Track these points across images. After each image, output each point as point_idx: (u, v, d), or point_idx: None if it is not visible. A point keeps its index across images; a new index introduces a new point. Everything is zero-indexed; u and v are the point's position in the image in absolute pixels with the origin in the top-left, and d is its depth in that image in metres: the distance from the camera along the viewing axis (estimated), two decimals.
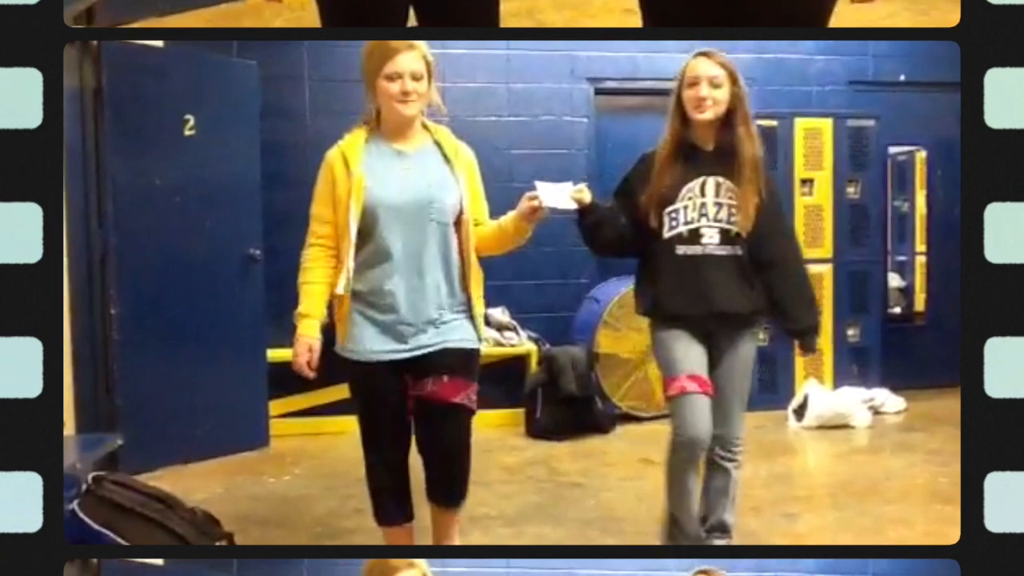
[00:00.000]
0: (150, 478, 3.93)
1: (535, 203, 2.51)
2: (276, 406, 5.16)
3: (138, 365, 4.43)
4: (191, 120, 4.64)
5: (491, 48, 5.71)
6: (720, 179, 2.72)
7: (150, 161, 4.52)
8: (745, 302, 2.75)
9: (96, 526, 2.62)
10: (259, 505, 3.98)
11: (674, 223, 2.72)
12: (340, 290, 2.47)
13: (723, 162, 2.72)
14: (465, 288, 2.56)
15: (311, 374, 2.48)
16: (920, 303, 6.31)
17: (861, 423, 5.32)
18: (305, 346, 2.49)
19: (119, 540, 2.63)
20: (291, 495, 4.14)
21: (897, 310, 6.42)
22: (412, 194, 2.47)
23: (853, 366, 5.79)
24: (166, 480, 4.09)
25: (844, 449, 4.97)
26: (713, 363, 2.78)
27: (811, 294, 2.92)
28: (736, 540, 2.97)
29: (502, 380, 5.33)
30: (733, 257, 2.73)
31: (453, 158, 2.54)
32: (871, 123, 5.82)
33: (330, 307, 2.54)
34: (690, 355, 2.73)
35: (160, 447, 4.48)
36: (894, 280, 6.40)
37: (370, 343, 2.50)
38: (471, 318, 2.58)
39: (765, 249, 2.76)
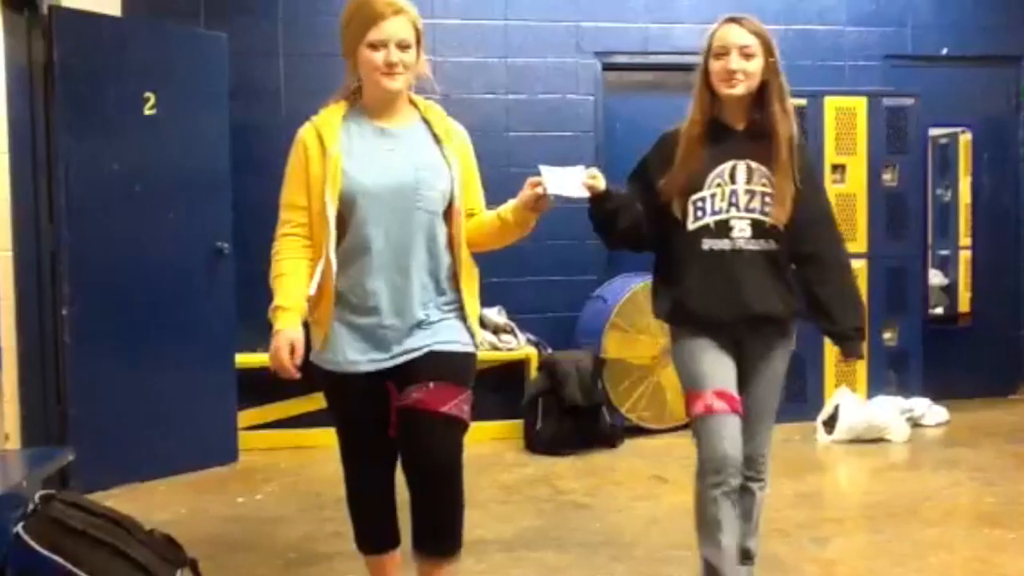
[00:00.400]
0: (105, 497, 3.93)
1: (539, 190, 2.42)
2: (246, 417, 5.15)
3: (92, 372, 4.42)
4: (152, 98, 4.63)
5: (488, 19, 5.70)
6: (753, 163, 2.63)
7: (107, 143, 4.51)
8: (781, 305, 2.67)
9: (43, 551, 2.59)
10: (227, 527, 3.96)
11: (700, 213, 2.63)
12: (314, 290, 2.39)
13: (756, 144, 2.64)
14: (456, 287, 2.50)
15: (296, 374, 2.36)
16: (964, 303, 6.30)
17: (898, 437, 5.31)
18: (287, 340, 2.35)
19: (69, 566, 2.61)
20: (262, 516, 4.13)
21: (939, 310, 6.41)
22: (396, 179, 2.38)
23: (890, 373, 5.79)
24: (123, 499, 4.08)
25: (879, 465, 4.96)
26: (742, 373, 2.70)
27: (856, 292, 2.83)
28: (761, 567, 2.96)
29: (498, 388, 5.33)
30: (767, 252, 2.65)
31: (445, 138, 2.47)
32: (910, 102, 5.81)
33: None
34: (717, 368, 2.65)
35: (117, 463, 4.47)
36: (935, 277, 6.40)
37: (350, 352, 2.42)
38: (463, 319, 2.51)
39: (804, 240, 2.69)
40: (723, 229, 2.63)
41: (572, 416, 5.16)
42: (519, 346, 5.45)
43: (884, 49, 6.11)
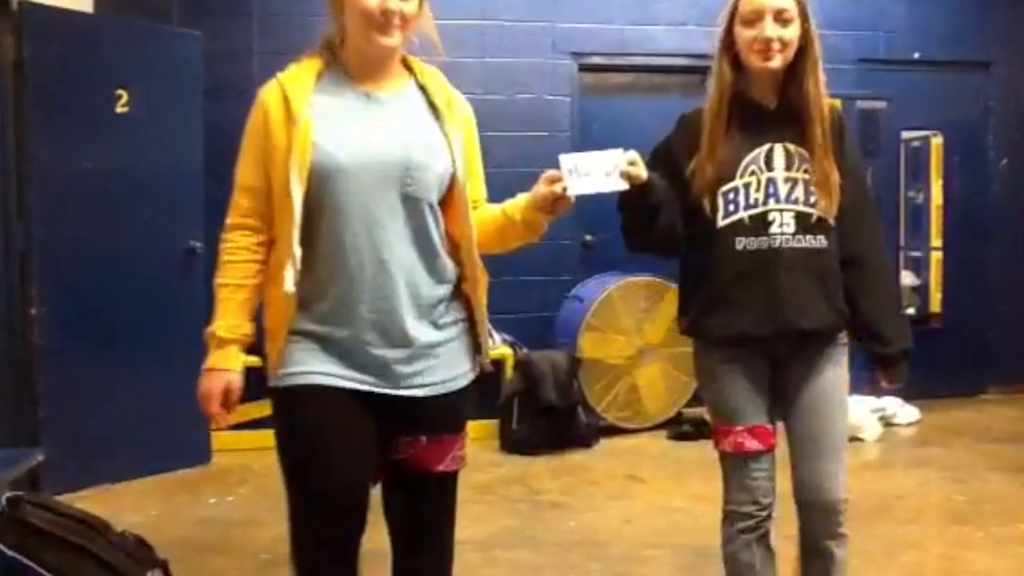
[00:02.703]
0: (76, 499, 3.88)
1: (559, 190, 1.94)
2: None
3: (63, 372, 4.37)
4: (124, 96, 4.59)
5: (463, 19, 5.70)
6: (791, 146, 2.24)
7: (78, 142, 4.46)
8: (831, 316, 2.25)
9: (10, 552, 2.56)
10: (199, 529, 3.93)
11: (732, 207, 2.23)
12: (287, 287, 1.88)
13: (792, 123, 2.25)
14: (460, 295, 2.03)
15: (227, 423, 2.02)
16: (936, 304, 6.36)
17: (870, 436, 5.35)
18: (220, 384, 1.92)
19: (36, 568, 2.58)
20: (235, 518, 4.10)
21: (911, 311, 6.46)
22: (381, 155, 1.89)
23: (862, 372, 5.81)
24: (94, 501, 4.04)
25: (851, 464, 4.88)
26: (788, 397, 2.31)
27: (900, 304, 2.42)
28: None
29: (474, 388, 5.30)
30: (815, 252, 2.23)
31: (445, 109, 1.99)
32: (882, 105, 5.87)
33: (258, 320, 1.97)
34: (751, 398, 2.28)
35: (88, 464, 4.42)
36: (907, 278, 6.45)
37: (316, 368, 1.90)
38: (470, 337, 2.06)
39: (846, 239, 2.28)
40: (760, 225, 2.21)
41: (547, 416, 5.17)
42: (495, 346, 5.44)
43: (857, 53, 6.15)
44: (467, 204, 1.99)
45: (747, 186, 2.23)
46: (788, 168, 2.23)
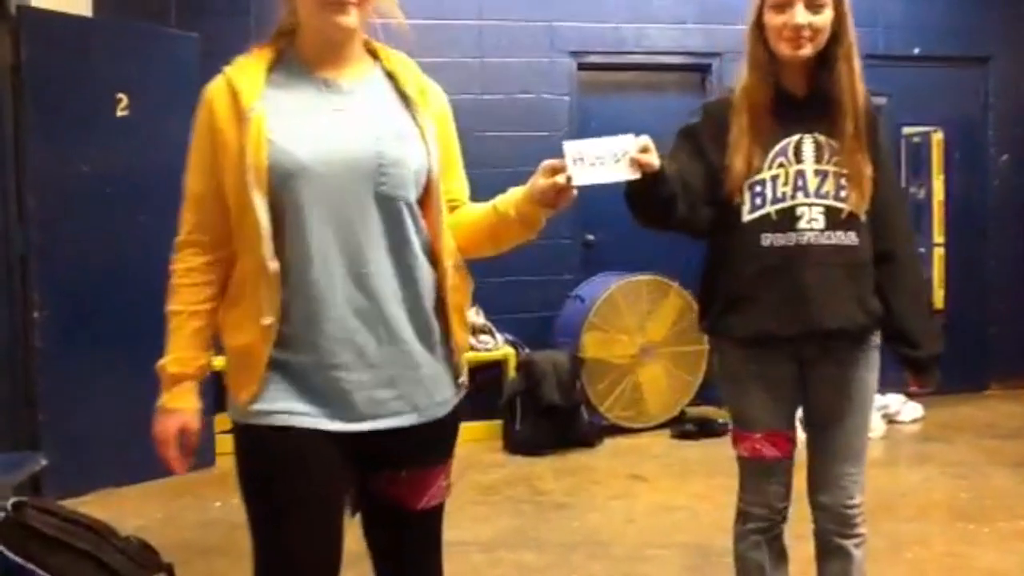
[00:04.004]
0: (79, 503, 3.89)
1: (562, 181, 1.72)
2: (222, 420, 5.09)
3: (64, 376, 4.38)
4: (124, 99, 4.59)
5: (461, 18, 5.71)
6: (821, 137, 2.15)
7: (77, 146, 4.47)
8: (861, 315, 2.16)
9: (16, 558, 2.57)
10: (204, 532, 3.94)
11: (759, 200, 2.13)
12: (267, 320, 1.67)
13: (823, 113, 2.15)
14: (442, 306, 1.79)
15: (184, 468, 1.79)
16: (939, 300, 6.36)
17: (874, 433, 5.35)
18: (176, 425, 1.75)
19: (41, 573, 2.59)
20: (239, 521, 4.02)
21: None
22: (348, 151, 1.67)
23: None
24: (97, 505, 4.04)
25: None
26: (813, 401, 2.26)
27: (932, 306, 2.35)
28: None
29: (476, 389, 5.23)
30: (845, 249, 2.14)
31: (417, 98, 1.78)
32: (882, 101, 5.86)
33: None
34: (772, 404, 2.21)
35: (90, 468, 4.43)
36: None
37: (283, 405, 1.68)
38: (450, 357, 1.82)
39: (878, 237, 2.19)
40: (788, 220, 2.12)
41: (550, 416, 5.17)
42: (497, 346, 5.45)
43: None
44: (442, 202, 1.79)
45: (775, 179, 2.13)
46: (818, 160, 2.14)
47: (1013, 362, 6.45)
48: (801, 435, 2.31)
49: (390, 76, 1.80)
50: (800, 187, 2.13)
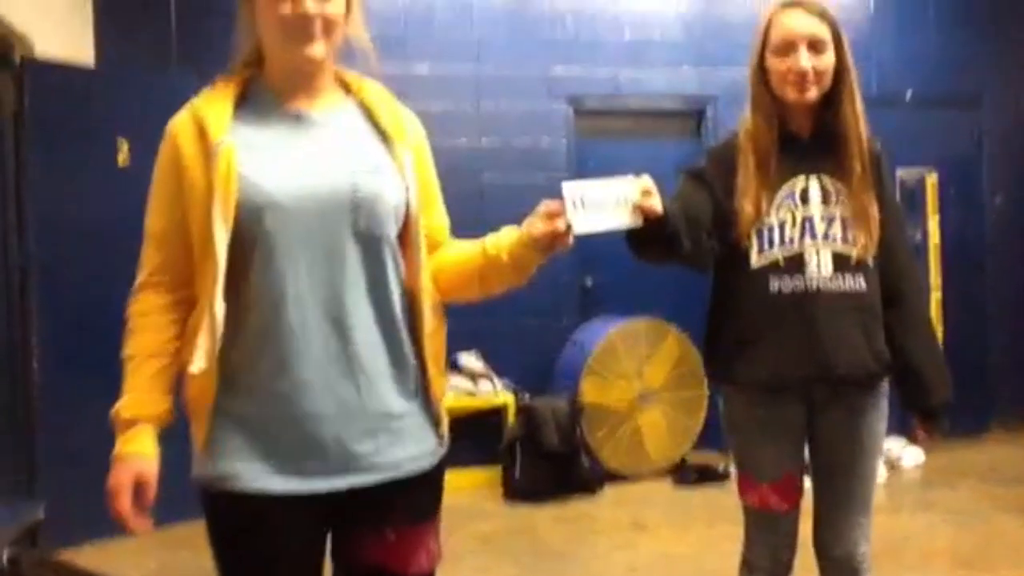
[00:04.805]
0: (76, 554, 3.85)
1: (561, 226, 1.63)
2: None
3: (62, 420, 4.36)
4: (125, 146, 4.62)
5: (459, 64, 5.77)
6: (827, 179, 2.13)
7: (78, 191, 4.50)
8: (871, 360, 2.13)
9: None
10: None
11: (766, 245, 2.11)
12: (198, 366, 1.56)
13: (828, 155, 2.13)
14: (419, 352, 1.68)
15: (143, 526, 1.60)
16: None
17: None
18: (130, 475, 1.58)
19: None
20: None
21: None
22: (322, 185, 1.58)
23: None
24: (93, 556, 4.00)
25: None
26: (822, 448, 2.21)
27: (941, 351, 2.27)
28: None
29: (475, 435, 5.30)
30: (855, 294, 2.11)
31: (393, 130, 1.69)
32: (876, 144, 5.90)
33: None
34: (781, 453, 2.17)
35: (86, 516, 4.38)
36: None
37: (249, 465, 1.57)
38: (429, 407, 1.71)
39: (885, 280, 2.17)
40: (796, 265, 2.09)
41: (550, 462, 5.14)
42: (496, 392, 5.44)
43: None
44: (421, 240, 1.68)
45: (782, 223, 2.11)
46: (825, 204, 2.12)
47: (1013, 403, 6.45)
48: (807, 481, 2.29)
49: (364, 107, 1.72)
50: (808, 231, 2.11)
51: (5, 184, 4.27)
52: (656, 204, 1.77)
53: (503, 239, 1.70)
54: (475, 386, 5.40)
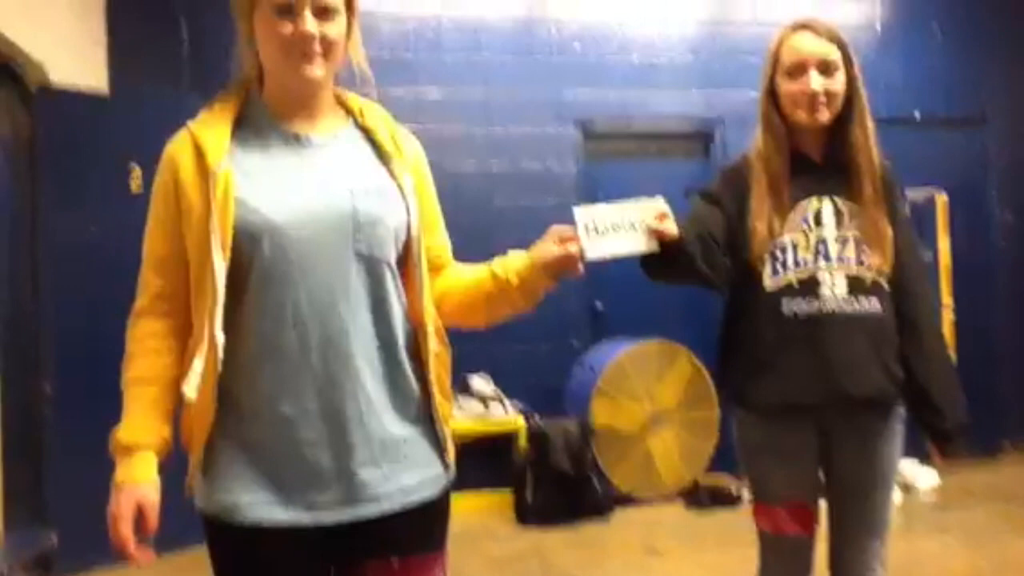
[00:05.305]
0: None
1: (574, 251, 1.64)
2: None
3: (74, 448, 4.35)
4: (138, 171, 4.65)
5: (468, 88, 5.80)
6: (840, 200, 2.13)
7: (92, 218, 4.52)
8: (886, 382, 2.11)
9: None
10: None
11: (780, 267, 2.10)
12: (195, 392, 1.54)
13: (840, 177, 2.13)
14: (423, 377, 1.65)
15: (145, 559, 1.55)
16: None
17: None
18: (130, 503, 1.54)
19: None
20: None
21: None
22: (323, 207, 1.56)
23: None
24: None
25: None
26: (837, 473, 2.18)
27: (956, 374, 2.22)
28: None
29: (486, 458, 5.29)
30: (869, 316, 2.09)
31: (393, 152, 1.67)
32: (886, 165, 5.89)
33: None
34: (796, 477, 2.15)
35: (97, 543, 4.37)
36: None
37: (249, 494, 1.54)
38: (434, 431, 1.67)
39: (900, 302, 2.15)
40: (809, 287, 2.08)
41: (561, 485, 5.12)
42: (507, 415, 5.42)
43: None
44: (422, 262, 1.65)
45: (795, 245, 2.10)
46: (839, 226, 2.11)
47: None
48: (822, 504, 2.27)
49: (364, 129, 1.69)
50: (821, 253, 2.10)
51: (19, 210, 4.30)
52: (672, 227, 1.79)
53: (512, 262, 1.69)
54: (486, 409, 5.39)
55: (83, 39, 4.97)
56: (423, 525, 1.64)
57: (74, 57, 4.76)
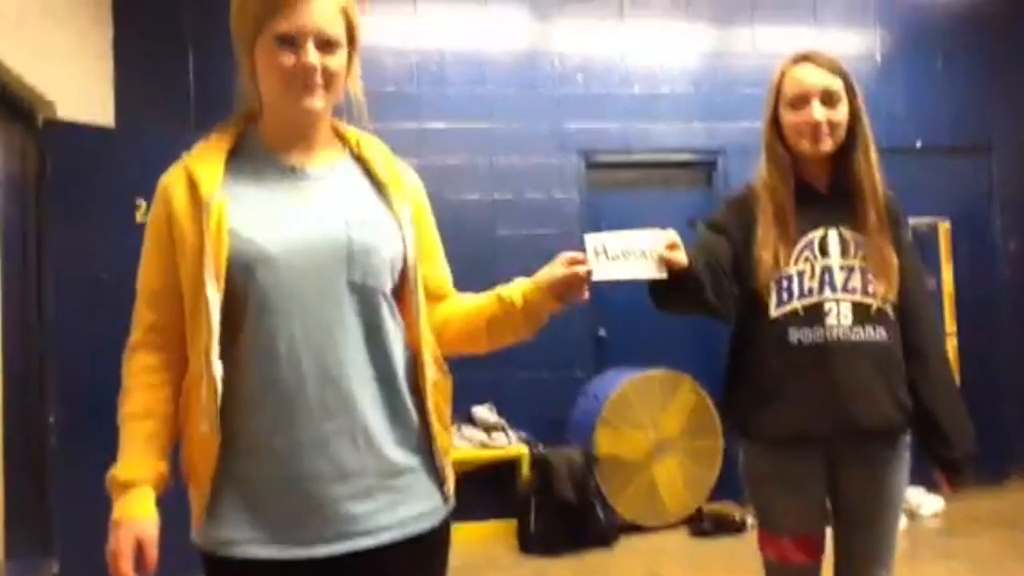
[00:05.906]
0: None
1: (582, 272, 1.66)
2: None
3: (78, 478, 4.32)
4: (144, 205, 4.68)
5: (472, 120, 5.84)
6: (845, 230, 2.14)
7: (97, 251, 4.54)
8: (894, 411, 2.10)
9: None
10: None
11: (785, 296, 2.10)
12: (200, 429, 1.54)
13: (845, 206, 2.14)
14: (421, 407, 1.63)
15: None
16: None
17: None
18: (130, 539, 1.54)
19: None
20: None
21: None
22: (317, 238, 1.55)
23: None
24: None
25: None
26: (844, 502, 2.17)
27: (963, 403, 2.19)
28: None
29: (490, 487, 5.27)
30: (875, 345, 2.09)
31: (390, 183, 1.66)
32: (890, 194, 5.91)
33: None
34: (802, 507, 2.14)
35: (100, 571, 4.35)
36: None
37: (244, 532, 1.53)
38: (432, 462, 1.64)
39: (905, 331, 2.14)
40: (815, 316, 2.08)
41: (565, 514, 5.10)
42: (510, 444, 5.41)
43: None
44: (419, 292, 1.64)
45: (801, 274, 2.10)
46: (844, 255, 2.11)
47: None
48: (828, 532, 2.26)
49: (361, 161, 1.69)
50: (827, 282, 2.09)
51: (26, 243, 4.32)
52: (681, 256, 1.81)
53: (517, 285, 1.70)
54: (489, 438, 5.38)
55: (91, 76, 5.03)
56: (421, 557, 1.62)
57: (81, 91, 4.81)
